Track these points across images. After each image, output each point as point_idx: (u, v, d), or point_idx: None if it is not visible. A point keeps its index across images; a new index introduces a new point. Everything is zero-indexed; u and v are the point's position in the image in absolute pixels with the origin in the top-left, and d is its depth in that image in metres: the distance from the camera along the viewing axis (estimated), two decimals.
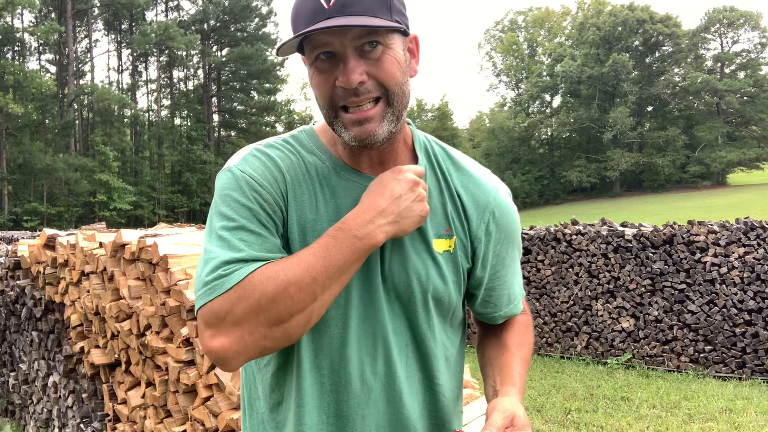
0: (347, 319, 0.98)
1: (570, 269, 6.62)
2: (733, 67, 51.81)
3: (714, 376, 5.70)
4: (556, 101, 58.68)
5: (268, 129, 49.04)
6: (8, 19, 39.09)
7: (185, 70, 50.98)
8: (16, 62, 38.85)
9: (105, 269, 3.03)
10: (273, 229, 0.93)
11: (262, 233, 0.91)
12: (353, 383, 0.99)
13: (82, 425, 3.39)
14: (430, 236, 1.02)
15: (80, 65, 45.16)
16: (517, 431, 0.92)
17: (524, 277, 6.90)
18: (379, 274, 1.00)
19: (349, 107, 0.93)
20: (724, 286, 5.71)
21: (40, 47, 42.99)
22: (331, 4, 0.88)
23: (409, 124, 1.08)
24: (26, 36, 41.41)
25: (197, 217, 43.39)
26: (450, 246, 1.04)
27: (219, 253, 0.88)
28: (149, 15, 48.57)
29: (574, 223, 6.91)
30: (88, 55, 46.19)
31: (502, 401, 0.96)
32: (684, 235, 5.95)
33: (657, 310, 6.02)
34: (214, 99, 50.38)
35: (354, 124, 0.93)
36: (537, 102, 60.10)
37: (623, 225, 6.77)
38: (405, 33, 0.96)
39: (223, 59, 49.09)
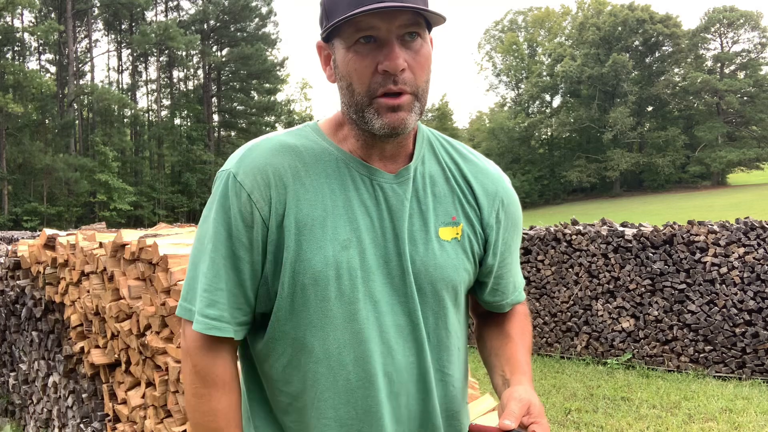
0: (368, 314, 0.98)
1: (570, 269, 6.62)
2: (733, 67, 51.80)
3: (714, 376, 5.70)
4: (556, 101, 58.72)
5: (268, 129, 49.01)
6: (8, 18, 39.09)
7: (185, 70, 51.00)
8: (16, 62, 38.84)
9: (105, 269, 3.03)
10: (243, 237, 0.97)
11: (229, 243, 0.98)
12: (377, 378, 0.99)
13: (82, 425, 3.39)
14: (437, 225, 1.03)
15: (80, 65, 45.15)
16: (533, 419, 0.94)
17: (524, 277, 6.89)
18: (398, 268, 1.00)
19: (387, 93, 0.94)
20: (724, 286, 5.71)
21: (40, 47, 43.01)
22: None
23: None
24: (26, 36, 41.42)
25: (197, 217, 43.33)
26: (457, 233, 1.04)
27: (197, 280, 1.00)
28: (149, 15, 48.62)
29: (574, 223, 6.91)
30: (88, 55, 46.21)
31: (517, 390, 0.98)
32: (684, 235, 5.95)
33: (657, 310, 6.02)
34: (214, 99, 50.37)
35: (389, 110, 0.94)
36: (537, 102, 60.08)
37: (623, 225, 6.76)
38: (429, 30, 1.00)
39: (223, 59, 49.09)
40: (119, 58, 49.71)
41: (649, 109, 54.33)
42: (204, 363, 0.98)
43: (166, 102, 49.67)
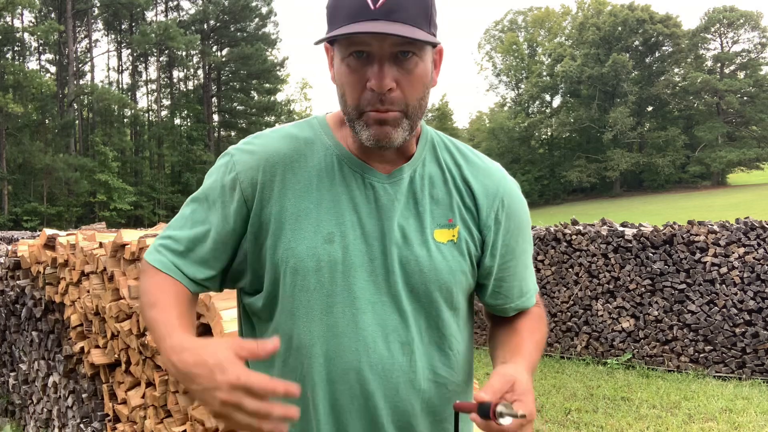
0: (345, 309, 0.98)
1: (570, 269, 6.62)
2: (733, 67, 51.78)
3: (714, 376, 5.70)
4: (556, 101, 58.68)
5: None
6: (8, 19, 39.09)
7: (185, 70, 50.99)
8: (16, 62, 38.84)
9: (105, 269, 3.03)
10: (220, 208, 1.03)
11: (209, 210, 1.04)
12: (349, 374, 0.98)
13: (82, 425, 3.39)
14: (432, 227, 1.03)
15: (80, 65, 45.15)
16: (517, 396, 0.89)
17: None
18: (382, 267, 1.00)
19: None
20: (724, 286, 5.71)
21: (40, 47, 43.00)
22: (378, 5, 0.89)
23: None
24: (26, 36, 41.41)
25: None
26: (453, 236, 1.04)
27: (173, 225, 1.08)
28: (149, 15, 48.59)
29: (574, 223, 6.91)
30: (88, 55, 46.21)
31: (504, 367, 0.96)
32: (684, 235, 5.95)
33: (657, 310, 6.02)
34: (214, 99, 50.38)
35: (375, 123, 0.95)
36: (537, 102, 60.06)
37: (623, 225, 6.77)
38: (434, 45, 0.99)
39: (223, 59, 49.09)
40: (119, 58, 49.75)
41: (649, 109, 54.31)
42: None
43: (166, 102, 49.69)
